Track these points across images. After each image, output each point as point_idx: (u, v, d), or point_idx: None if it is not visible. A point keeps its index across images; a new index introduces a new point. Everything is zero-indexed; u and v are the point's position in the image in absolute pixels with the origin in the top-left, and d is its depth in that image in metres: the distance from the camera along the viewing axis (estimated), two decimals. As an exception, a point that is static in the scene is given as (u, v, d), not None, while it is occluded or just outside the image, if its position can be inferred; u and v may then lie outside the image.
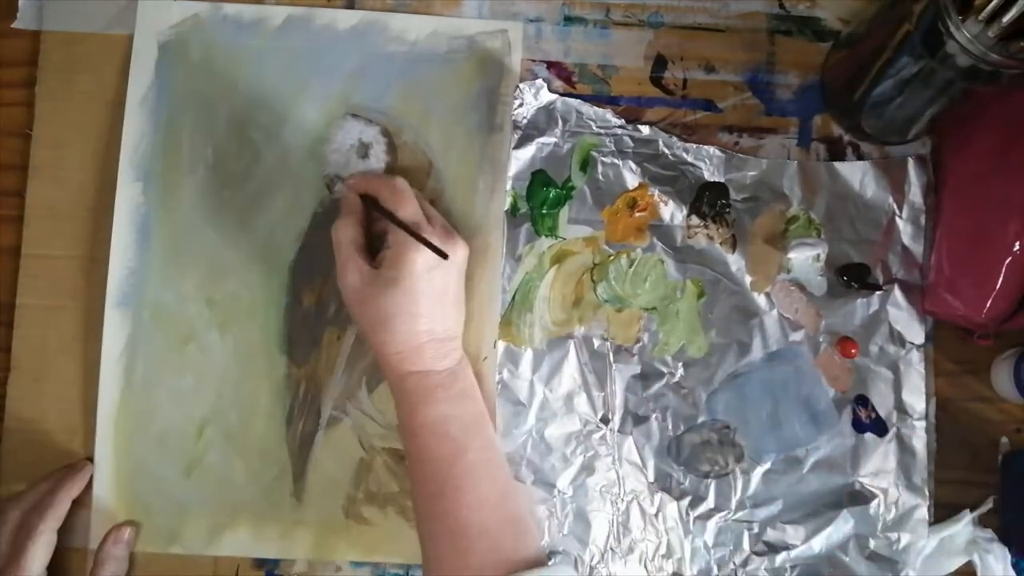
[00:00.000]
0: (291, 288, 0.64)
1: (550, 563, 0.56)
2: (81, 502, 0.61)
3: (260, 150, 0.64)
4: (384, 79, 0.65)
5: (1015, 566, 0.61)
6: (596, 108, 0.65)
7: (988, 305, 0.60)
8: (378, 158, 0.65)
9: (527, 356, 0.63)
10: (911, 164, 0.65)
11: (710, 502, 0.63)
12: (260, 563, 0.63)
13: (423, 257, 0.55)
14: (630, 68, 0.66)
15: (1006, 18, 0.49)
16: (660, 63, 0.66)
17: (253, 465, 0.63)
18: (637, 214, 0.64)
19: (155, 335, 0.63)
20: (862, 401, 0.64)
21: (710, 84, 0.66)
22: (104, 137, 0.64)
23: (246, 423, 0.63)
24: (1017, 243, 0.59)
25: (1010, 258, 0.59)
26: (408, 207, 0.57)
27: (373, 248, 0.59)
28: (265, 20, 0.65)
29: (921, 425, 0.63)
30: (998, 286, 0.60)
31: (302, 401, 0.63)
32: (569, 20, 0.67)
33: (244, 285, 0.64)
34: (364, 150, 0.64)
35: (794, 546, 0.62)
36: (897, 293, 0.64)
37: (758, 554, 0.62)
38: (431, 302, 0.56)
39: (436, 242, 0.55)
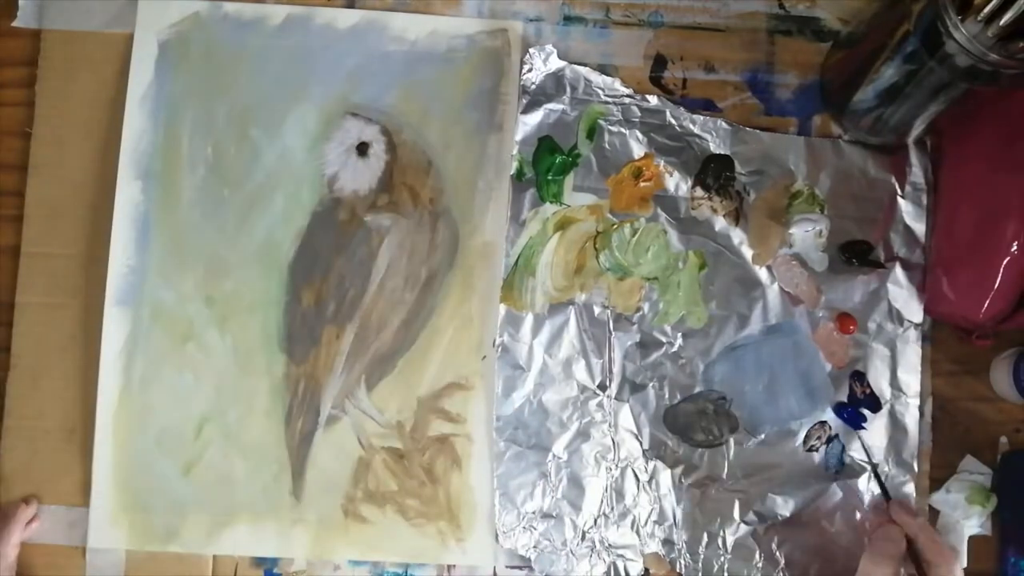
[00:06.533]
0: (290, 287, 0.64)
1: None
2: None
3: (260, 149, 0.65)
4: (384, 78, 0.65)
5: (1014, 565, 0.62)
6: (605, 76, 0.65)
7: (986, 305, 0.60)
8: (378, 157, 0.65)
9: (528, 320, 0.64)
10: (912, 147, 0.65)
11: (703, 471, 0.63)
12: (259, 561, 0.63)
13: None
14: (630, 68, 0.66)
15: (1005, 18, 0.49)
16: (660, 63, 0.66)
17: (252, 463, 0.63)
18: (642, 184, 0.65)
19: (154, 333, 0.63)
20: (858, 377, 0.64)
21: (710, 84, 0.66)
22: (104, 135, 0.64)
23: (245, 421, 0.63)
24: (1015, 243, 0.59)
25: (1008, 258, 0.59)
26: None
27: None
28: (265, 19, 0.65)
29: (915, 403, 0.64)
30: (996, 286, 0.60)
31: (301, 399, 0.63)
32: (569, 20, 0.67)
33: (243, 284, 0.64)
34: (364, 149, 0.65)
35: (783, 516, 0.63)
36: (898, 271, 0.64)
37: (747, 523, 0.63)
38: None
39: None
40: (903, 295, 0.64)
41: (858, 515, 0.63)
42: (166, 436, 0.63)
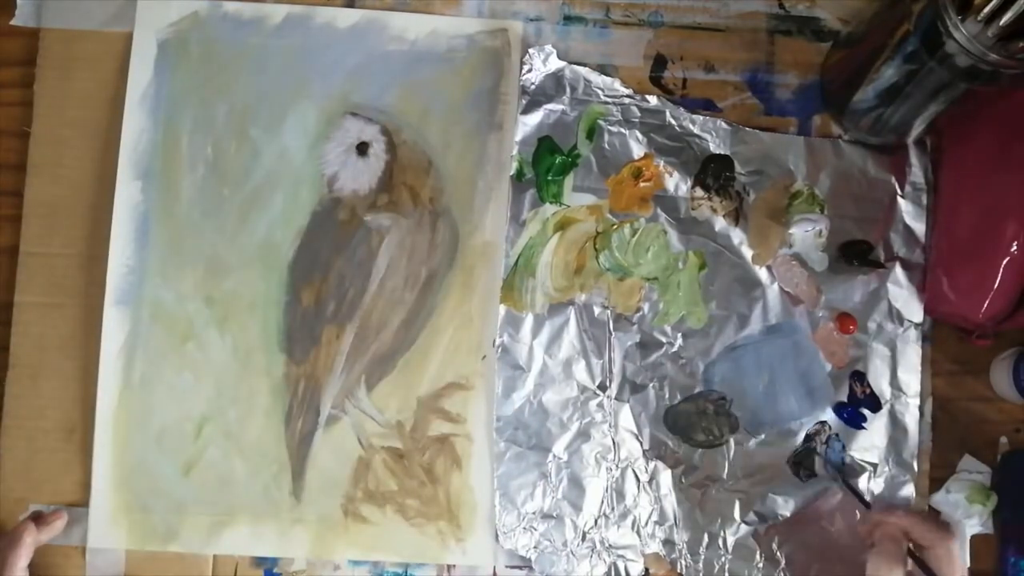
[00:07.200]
0: (290, 286, 0.64)
1: None
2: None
3: (260, 148, 0.64)
4: (384, 78, 0.65)
5: (1014, 565, 0.62)
6: (604, 76, 0.65)
7: (986, 305, 0.60)
8: (378, 157, 0.65)
9: (528, 321, 0.64)
10: (912, 147, 0.65)
11: (703, 471, 0.63)
12: (259, 561, 0.63)
13: None
14: (630, 68, 0.66)
15: (1005, 18, 0.49)
16: (660, 63, 0.66)
17: (252, 463, 0.63)
18: (642, 184, 0.65)
19: (154, 333, 0.63)
20: (858, 377, 0.64)
21: (710, 84, 0.66)
22: (103, 135, 0.64)
23: (245, 421, 0.63)
24: (1015, 243, 0.59)
25: (1008, 258, 0.59)
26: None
27: None
28: (265, 18, 0.65)
29: (915, 403, 0.64)
30: (996, 286, 0.60)
31: (301, 399, 0.63)
32: (569, 19, 0.67)
33: (243, 283, 0.64)
34: (364, 149, 0.64)
35: (783, 516, 0.63)
36: (898, 271, 0.65)
37: (748, 523, 0.63)
38: None
39: None
40: (903, 295, 0.65)
41: (858, 515, 0.63)
42: (166, 436, 0.63)
